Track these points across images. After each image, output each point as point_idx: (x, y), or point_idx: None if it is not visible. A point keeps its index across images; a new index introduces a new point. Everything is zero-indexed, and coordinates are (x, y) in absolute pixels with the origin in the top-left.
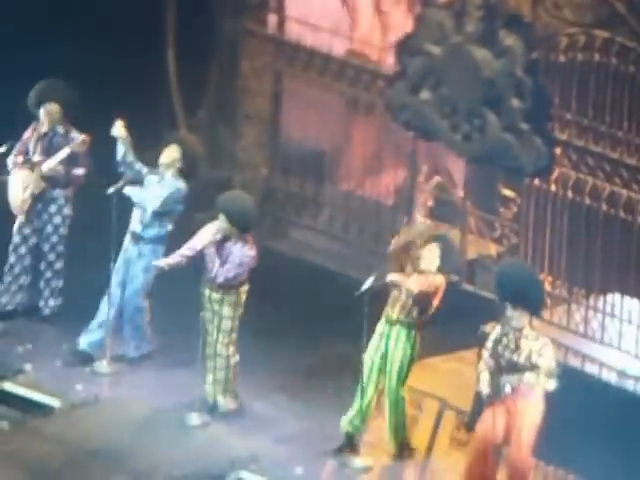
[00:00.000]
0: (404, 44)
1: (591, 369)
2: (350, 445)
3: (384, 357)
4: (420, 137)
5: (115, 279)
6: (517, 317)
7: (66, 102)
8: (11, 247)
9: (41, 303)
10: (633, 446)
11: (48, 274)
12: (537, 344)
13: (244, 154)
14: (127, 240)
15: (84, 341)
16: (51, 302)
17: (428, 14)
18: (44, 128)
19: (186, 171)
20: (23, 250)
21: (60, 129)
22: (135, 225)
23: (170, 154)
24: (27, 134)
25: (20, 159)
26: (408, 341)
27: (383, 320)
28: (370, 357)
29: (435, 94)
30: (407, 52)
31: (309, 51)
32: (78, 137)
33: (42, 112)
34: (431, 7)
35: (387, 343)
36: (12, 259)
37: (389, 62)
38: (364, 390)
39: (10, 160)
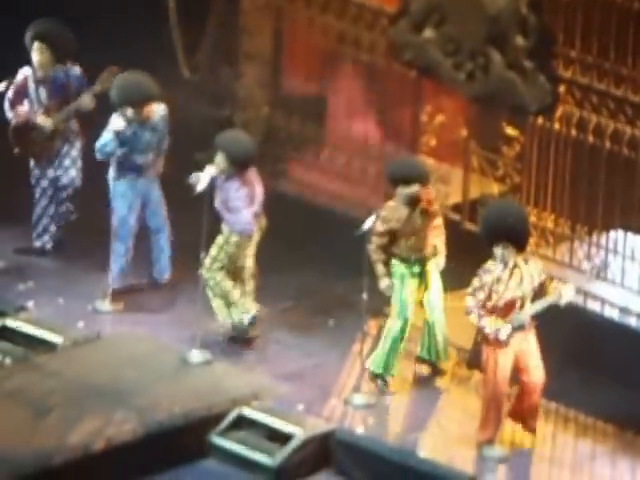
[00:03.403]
0: None
1: (593, 306)
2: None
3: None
4: (423, 76)
5: None
6: (509, 254)
7: (60, 41)
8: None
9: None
10: (635, 383)
11: (63, 208)
12: (532, 267)
13: (245, 93)
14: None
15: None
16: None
17: None
18: (40, 72)
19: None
20: (38, 192)
21: (59, 69)
22: None
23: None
24: (19, 81)
25: (23, 108)
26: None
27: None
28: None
29: (438, 32)
30: None
31: None
32: (76, 71)
33: (34, 52)
34: None
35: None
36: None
37: None
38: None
39: (10, 111)
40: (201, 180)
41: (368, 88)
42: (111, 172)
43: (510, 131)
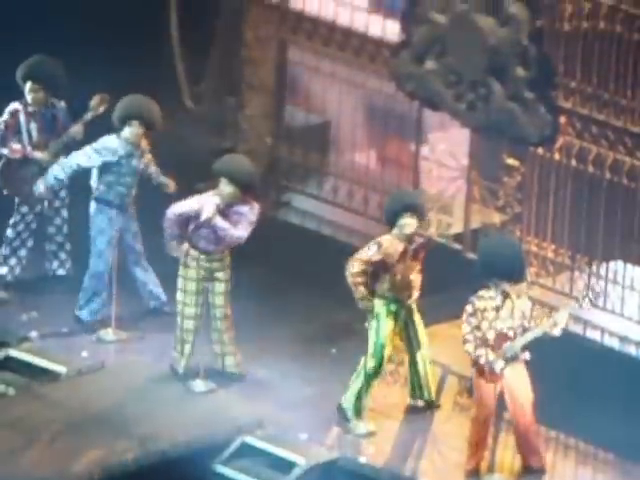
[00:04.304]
0: (409, 13)
1: (593, 335)
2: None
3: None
4: (425, 106)
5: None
6: (503, 286)
7: (52, 80)
8: (11, 222)
9: (55, 265)
10: (635, 411)
11: (59, 238)
12: (522, 302)
13: (248, 124)
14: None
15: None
16: (67, 264)
17: None
18: (31, 107)
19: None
20: (21, 227)
21: (49, 104)
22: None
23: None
24: (10, 117)
25: (17, 145)
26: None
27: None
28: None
29: (440, 63)
30: (412, 21)
31: (313, 20)
32: (62, 105)
33: (28, 89)
34: None
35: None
36: (11, 233)
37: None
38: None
39: (3, 148)
40: (205, 209)
41: (370, 118)
42: (91, 206)
43: (511, 161)
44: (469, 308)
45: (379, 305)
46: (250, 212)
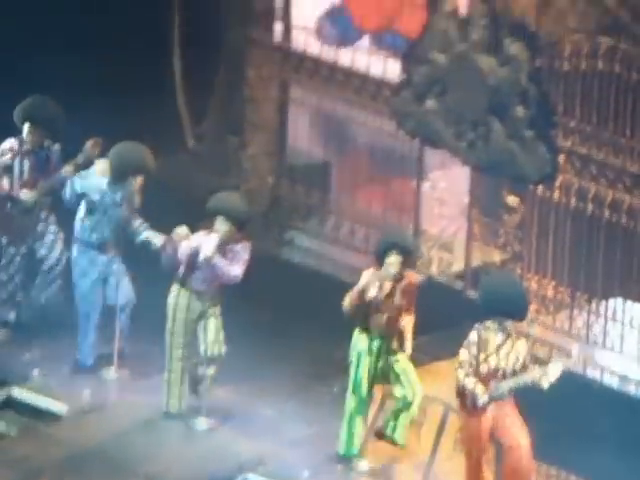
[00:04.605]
0: (410, 52)
1: (593, 373)
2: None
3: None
4: (426, 145)
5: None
6: (506, 324)
7: (50, 122)
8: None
9: (43, 296)
10: (635, 450)
11: (51, 276)
12: (520, 345)
13: (250, 163)
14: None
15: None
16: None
17: (433, 22)
18: (27, 146)
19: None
20: (12, 269)
21: (45, 145)
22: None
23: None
24: (5, 154)
25: (5, 182)
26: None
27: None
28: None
29: (440, 102)
30: (413, 60)
31: (315, 60)
32: (57, 148)
33: (26, 130)
34: (436, 15)
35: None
36: (3, 276)
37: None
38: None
39: None
40: (204, 248)
41: (371, 157)
42: (72, 249)
43: (511, 200)
44: (473, 336)
45: (362, 340)
46: (243, 250)
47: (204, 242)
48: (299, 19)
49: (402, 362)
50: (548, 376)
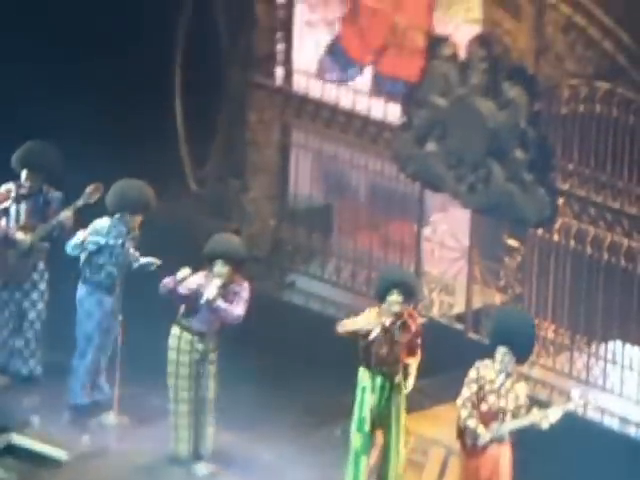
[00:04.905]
0: (410, 96)
1: (593, 416)
2: None
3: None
4: (426, 188)
5: None
6: (509, 362)
7: (47, 168)
8: None
9: (19, 363)
10: None
11: (29, 334)
12: (520, 387)
13: (252, 206)
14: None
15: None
16: (31, 363)
17: (433, 66)
18: (24, 191)
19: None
20: (6, 314)
21: (44, 190)
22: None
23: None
24: (1, 198)
25: (1, 224)
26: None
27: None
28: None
29: (441, 145)
30: (413, 104)
31: (316, 103)
32: (58, 195)
33: (24, 176)
34: (436, 59)
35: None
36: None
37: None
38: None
39: None
40: (206, 291)
41: (372, 200)
42: (79, 288)
43: (511, 242)
44: (473, 373)
45: (366, 378)
46: (243, 290)
47: (205, 285)
48: (300, 63)
49: (399, 408)
50: (548, 418)
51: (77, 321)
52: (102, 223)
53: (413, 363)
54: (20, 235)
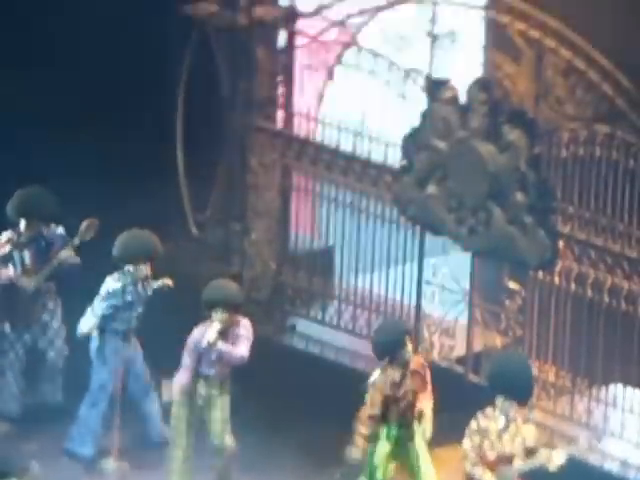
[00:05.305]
0: (410, 139)
1: (594, 459)
2: None
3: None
4: (427, 231)
5: None
6: (509, 407)
7: (44, 213)
8: None
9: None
10: None
11: (51, 371)
12: (526, 429)
13: (253, 249)
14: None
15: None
16: (58, 396)
17: (434, 109)
18: (24, 238)
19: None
20: (12, 356)
21: (44, 233)
22: None
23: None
24: (1, 247)
25: (7, 271)
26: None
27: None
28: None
29: (441, 188)
30: (413, 147)
31: (317, 146)
32: (60, 232)
33: (23, 226)
34: (437, 102)
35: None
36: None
37: None
38: None
39: None
40: (206, 336)
41: (373, 243)
42: (95, 339)
43: (512, 285)
44: (473, 425)
45: (381, 428)
46: (245, 330)
47: (206, 331)
48: (300, 106)
49: (420, 452)
50: (554, 461)
51: (93, 371)
52: (114, 286)
53: (428, 407)
54: (24, 280)
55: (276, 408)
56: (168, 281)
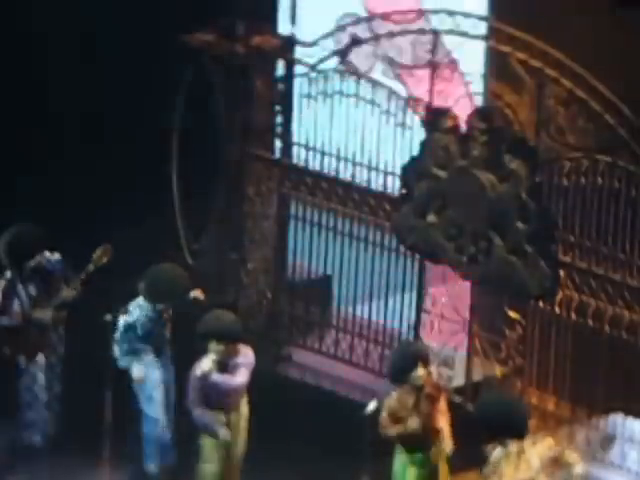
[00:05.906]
0: (410, 168)
1: None
2: None
3: None
4: (426, 259)
5: None
6: (509, 443)
7: (36, 247)
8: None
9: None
10: None
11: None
12: (538, 448)
13: (249, 278)
14: None
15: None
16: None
17: (434, 138)
18: (24, 273)
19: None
20: (36, 388)
21: (41, 264)
22: None
23: None
24: (3, 290)
25: (16, 309)
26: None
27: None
28: None
29: (441, 217)
30: (413, 175)
31: (315, 175)
32: (57, 258)
33: (9, 272)
34: (437, 131)
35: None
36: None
37: None
38: None
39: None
40: (202, 363)
41: (372, 272)
42: (139, 368)
43: (512, 314)
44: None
45: (403, 455)
46: (245, 358)
47: (202, 362)
48: (298, 135)
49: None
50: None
51: (147, 397)
52: (138, 303)
53: (445, 424)
54: (39, 313)
55: (272, 438)
56: (200, 294)
